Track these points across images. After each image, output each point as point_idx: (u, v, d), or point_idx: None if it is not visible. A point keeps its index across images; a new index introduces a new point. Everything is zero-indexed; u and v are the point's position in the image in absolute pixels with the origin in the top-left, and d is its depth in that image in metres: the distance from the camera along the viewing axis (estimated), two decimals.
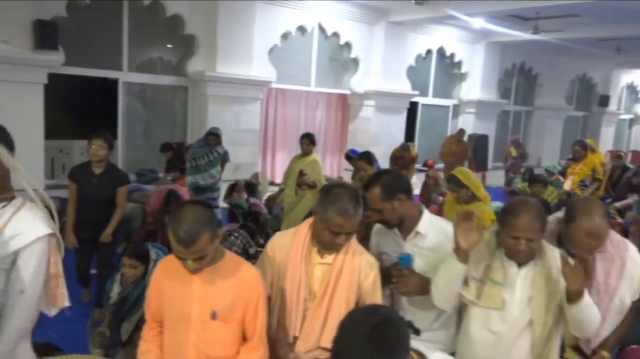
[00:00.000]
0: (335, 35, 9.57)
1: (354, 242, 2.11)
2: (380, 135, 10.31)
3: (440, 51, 11.25)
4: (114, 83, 8.00)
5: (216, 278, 1.90)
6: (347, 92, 10.14)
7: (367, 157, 4.62)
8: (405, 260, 2.15)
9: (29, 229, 1.78)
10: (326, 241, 2.01)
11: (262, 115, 9.08)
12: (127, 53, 7.75)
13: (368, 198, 2.15)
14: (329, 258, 2.07)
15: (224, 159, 6.70)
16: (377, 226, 2.45)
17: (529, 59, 12.89)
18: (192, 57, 8.13)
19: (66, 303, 1.87)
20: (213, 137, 6.46)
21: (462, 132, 10.54)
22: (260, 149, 9.18)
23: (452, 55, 11.43)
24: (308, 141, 5.92)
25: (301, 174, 5.75)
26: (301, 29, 9.15)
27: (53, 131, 7.30)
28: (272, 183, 8.43)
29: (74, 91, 9.20)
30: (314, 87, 9.71)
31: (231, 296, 1.89)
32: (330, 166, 10.67)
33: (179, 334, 1.91)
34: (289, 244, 2.12)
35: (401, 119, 10.62)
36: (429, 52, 11.06)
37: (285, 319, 2.07)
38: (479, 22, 9.77)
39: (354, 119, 10.50)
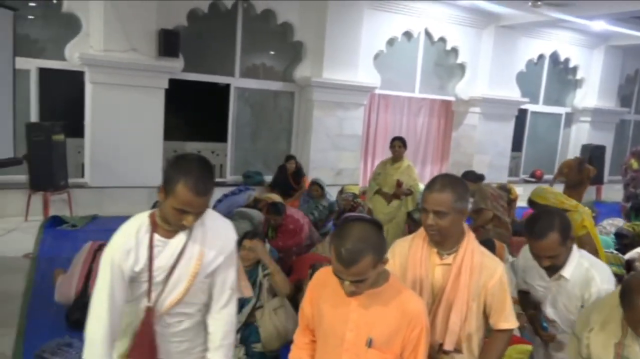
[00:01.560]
0: (442, 40, 9.36)
1: (473, 240, 2.04)
2: (486, 143, 9.93)
3: (554, 56, 10.62)
4: (224, 88, 8.39)
5: (376, 303, 1.77)
6: (451, 98, 9.88)
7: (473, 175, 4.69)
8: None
9: (220, 245, 1.95)
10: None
11: (364, 121, 9.08)
12: (239, 60, 8.09)
13: (542, 247, 2.20)
14: (449, 258, 2.02)
15: (330, 210, 6.41)
16: (524, 251, 2.45)
17: None
18: (299, 64, 8.32)
19: (250, 293, 2.05)
20: (316, 188, 6.33)
21: (581, 159, 9.79)
22: (361, 154, 9.18)
23: (567, 60, 10.75)
24: (400, 143, 5.49)
25: (399, 184, 5.46)
26: (407, 35, 9.05)
27: (168, 132, 7.78)
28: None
29: (188, 95, 9.75)
30: (418, 94, 9.56)
31: (390, 326, 1.77)
32: (431, 174, 10.42)
33: (331, 353, 1.84)
34: (408, 248, 2.09)
35: (508, 127, 10.16)
36: (541, 57, 10.49)
37: None
38: (599, 25, 9.10)
39: (457, 127, 10.19)
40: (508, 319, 2.04)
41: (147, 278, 1.88)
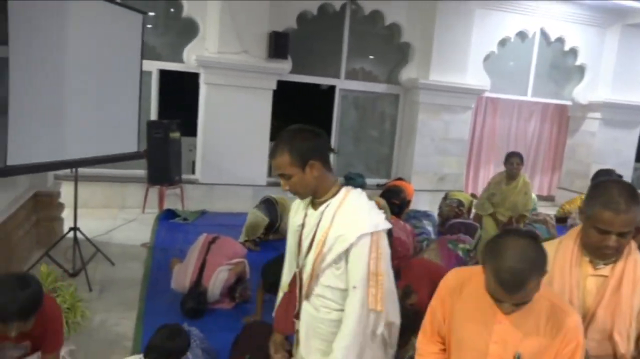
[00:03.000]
0: (560, 40, 8.77)
1: (634, 251, 1.79)
2: (606, 152, 9.14)
3: None
4: (329, 91, 8.43)
5: (525, 315, 1.60)
6: (567, 103, 9.21)
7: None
8: None
9: (353, 226, 1.87)
10: (593, 243, 1.73)
11: (471, 125, 8.71)
12: (345, 61, 8.09)
13: None
14: (605, 269, 1.78)
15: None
16: None
17: None
18: (405, 65, 8.17)
19: (381, 307, 1.85)
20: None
21: None
22: (466, 160, 8.82)
23: None
24: (519, 160, 5.26)
25: (509, 222, 5.30)
26: (521, 35, 8.57)
27: (273, 134, 7.95)
28: (473, 195, 7.97)
29: (294, 97, 9.95)
30: (531, 97, 9.02)
31: (542, 342, 1.61)
32: (540, 184, 9.79)
33: None
34: (553, 254, 1.83)
35: (633, 135, 9.29)
36: None
37: None
38: None
39: (573, 133, 9.49)
40: None
41: (298, 243, 2.04)
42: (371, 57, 8.49)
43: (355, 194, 1.95)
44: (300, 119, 10.90)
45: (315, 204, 1.98)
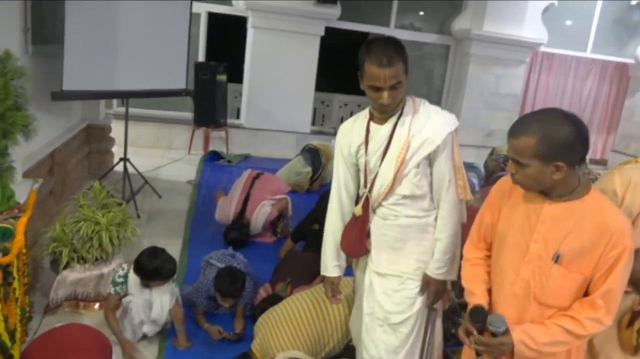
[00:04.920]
0: None
1: None
2: None
3: None
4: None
5: (570, 215, 1.58)
6: (630, 61, 8.71)
7: None
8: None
9: (436, 128, 1.97)
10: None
11: (524, 80, 8.38)
12: (395, 10, 7.86)
13: None
14: None
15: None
16: None
17: None
18: (459, 15, 7.86)
19: (469, 196, 2.05)
20: None
21: None
22: (517, 116, 8.53)
23: None
24: None
25: None
26: None
27: (318, 82, 7.88)
28: None
29: (341, 46, 9.77)
30: (590, 54, 8.57)
31: (584, 243, 1.56)
32: (594, 147, 9.40)
33: (509, 266, 1.69)
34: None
35: None
36: None
37: None
38: None
39: (633, 94, 8.99)
40: None
41: (363, 162, 2.05)
42: (423, 6, 8.20)
43: (419, 100, 2.05)
44: (347, 70, 10.74)
45: (379, 119, 2.03)
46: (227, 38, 8.21)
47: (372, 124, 2.04)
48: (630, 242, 1.55)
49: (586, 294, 1.62)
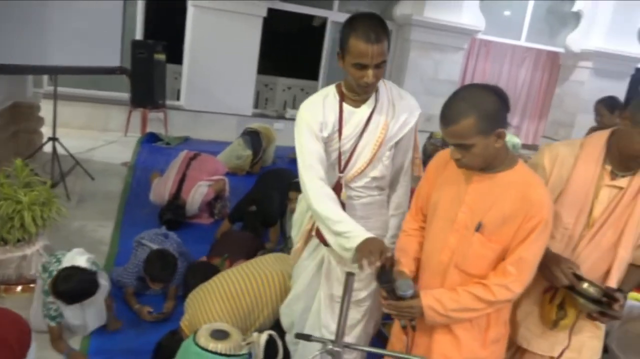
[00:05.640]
0: None
1: None
2: (592, 102, 9.06)
3: None
4: (321, 27, 8.22)
5: (495, 187, 1.65)
6: (560, 50, 9.12)
7: (609, 102, 4.20)
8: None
9: (410, 109, 2.00)
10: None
11: (462, 67, 8.62)
12: None
13: None
14: (622, 181, 1.72)
15: None
16: None
17: None
18: (401, 0, 7.96)
19: (422, 172, 2.06)
20: None
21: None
22: None
23: None
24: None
25: None
26: None
27: (260, 65, 7.81)
28: None
29: (283, 28, 9.70)
30: (524, 42, 8.90)
31: (506, 213, 1.62)
32: (526, 132, 9.82)
33: (440, 234, 1.75)
34: (574, 158, 1.79)
35: (621, 87, 9.25)
36: None
37: (551, 243, 1.77)
38: None
39: (562, 82, 9.44)
40: None
41: (337, 147, 1.97)
42: None
43: (389, 82, 2.04)
44: (289, 53, 10.68)
45: (354, 101, 1.96)
46: (166, 16, 7.96)
47: (345, 105, 1.96)
48: (548, 215, 1.62)
49: None
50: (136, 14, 6.98)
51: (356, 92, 1.93)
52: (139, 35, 7.10)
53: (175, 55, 7.45)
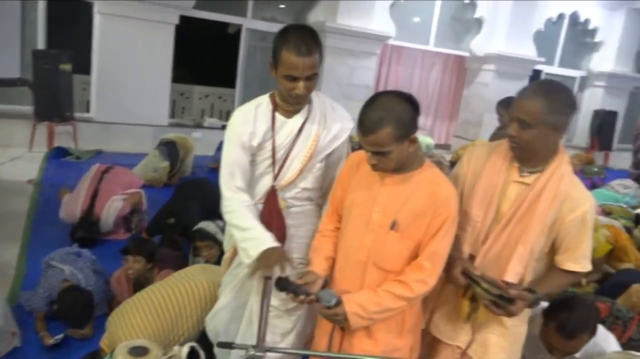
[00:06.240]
0: None
1: (565, 164, 1.78)
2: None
3: (574, 16, 10.31)
4: (236, 34, 8.17)
5: (406, 186, 1.73)
6: (466, 54, 9.65)
7: (507, 103, 4.47)
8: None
9: (341, 124, 2.02)
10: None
11: (376, 71, 8.89)
12: (252, 0, 7.85)
13: None
14: (530, 178, 1.78)
15: None
16: None
17: None
18: (314, 7, 8.09)
19: None
20: None
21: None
22: None
23: (587, 21, 10.44)
24: None
25: None
26: None
27: (176, 74, 7.64)
28: None
29: (198, 37, 9.53)
30: (433, 47, 9.33)
31: (417, 211, 1.71)
32: (439, 133, 10.31)
33: (356, 234, 1.81)
34: (487, 155, 1.88)
35: (521, 87, 9.94)
36: (560, 16, 10.18)
37: (463, 236, 1.86)
38: None
39: (469, 84, 10.00)
40: (579, 261, 1.79)
41: (269, 155, 1.98)
42: (282, 5, 8.29)
43: (322, 94, 2.05)
44: (205, 61, 10.55)
45: (286, 112, 1.97)
46: (71, 24, 7.58)
47: (277, 115, 1.97)
48: (455, 211, 1.73)
49: None
50: (37, 20, 6.59)
51: (288, 103, 1.94)
52: (41, 44, 6.70)
53: (83, 65, 7.11)
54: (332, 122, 1.99)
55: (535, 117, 1.67)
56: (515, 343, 1.95)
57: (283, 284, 1.71)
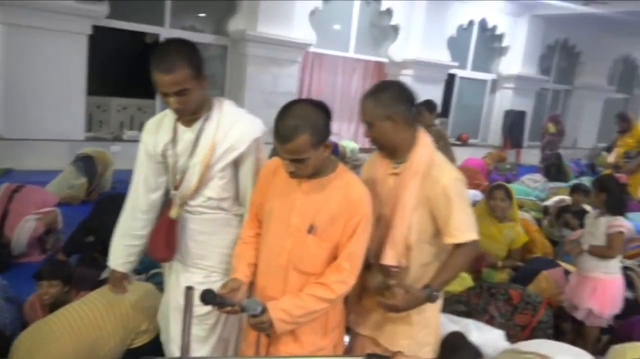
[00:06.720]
0: (377, 0, 9.39)
1: (423, 149, 1.93)
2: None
3: (482, 23, 10.94)
4: (154, 44, 7.98)
5: (321, 191, 1.79)
6: (385, 60, 9.97)
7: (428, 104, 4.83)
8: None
9: (241, 135, 1.98)
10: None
11: (299, 79, 8.99)
12: (169, 9, 7.70)
13: None
14: (399, 168, 1.95)
15: None
16: None
17: (573, 35, 12.44)
18: (234, 16, 8.06)
19: None
20: None
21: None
22: None
23: (494, 27, 11.11)
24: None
25: None
26: None
27: (92, 86, 7.35)
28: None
29: (114, 46, 9.21)
30: (353, 54, 9.56)
31: (333, 213, 1.78)
32: (363, 137, 10.51)
33: (276, 239, 1.84)
34: (374, 157, 2.08)
35: (438, 91, 10.40)
36: (470, 23, 10.76)
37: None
38: None
39: None
40: (453, 234, 1.90)
41: (172, 164, 2.03)
42: (198, 6, 8.20)
43: (227, 103, 2.04)
44: (123, 71, 10.21)
45: (185, 121, 1.99)
46: None
47: (179, 124, 2.01)
48: (368, 211, 1.82)
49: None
50: None
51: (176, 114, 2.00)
52: None
53: None
54: (229, 134, 1.97)
55: (370, 115, 1.89)
56: (424, 329, 2.04)
57: (208, 298, 1.69)
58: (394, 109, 1.87)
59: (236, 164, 2.03)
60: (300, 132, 1.65)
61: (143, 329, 2.57)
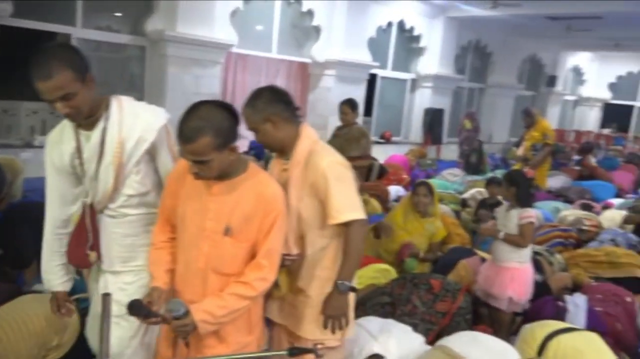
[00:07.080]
0: (298, 0, 9.45)
1: (306, 144, 2.06)
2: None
3: (401, 24, 11.31)
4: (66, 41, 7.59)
5: (234, 192, 1.81)
6: (308, 60, 10.06)
7: (351, 102, 4.98)
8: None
9: (147, 125, 1.96)
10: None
11: (222, 80, 8.87)
12: (81, 7, 7.35)
13: None
14: (287, 164, 2.08)
15: None
16: None
17: (484, 36, 13.16)
18: (151, 15, 7.81)
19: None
20: None
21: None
22: None
23: (412, 28, 11.51)
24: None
25: None
26: None
27: None
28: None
29: (22, 47, 8.66)
30: (276, 54, 9.57)
31: (246, 214, 1.80)
32: None
33: (192, 243, 1.83)
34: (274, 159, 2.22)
35: (361, 91, 10.63)
36: (389, 24, 11.09)
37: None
38: None
39: (313, 89, 10.44)
40: (333, 215, 1.98)
41: (82, 171, 1.98)
42: (112, 4, 7.88)
43: (126, 99, 2.01)
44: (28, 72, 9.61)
45: (85, 126, 1.96)
46: None
47: (80, 131, 1.97)
48: (283, 207, 1.85)
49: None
50: None
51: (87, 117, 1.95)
52: None
53: None
54: (133, 128, 1.97)
55: (252, 122, 2.04)
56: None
57: (135, 310, 1.68)
58: (269, 110, 2.01)
59: (151, 156, 2.02)
60: (203, 134, 1.66)
61: (54, 345, 2.45)
